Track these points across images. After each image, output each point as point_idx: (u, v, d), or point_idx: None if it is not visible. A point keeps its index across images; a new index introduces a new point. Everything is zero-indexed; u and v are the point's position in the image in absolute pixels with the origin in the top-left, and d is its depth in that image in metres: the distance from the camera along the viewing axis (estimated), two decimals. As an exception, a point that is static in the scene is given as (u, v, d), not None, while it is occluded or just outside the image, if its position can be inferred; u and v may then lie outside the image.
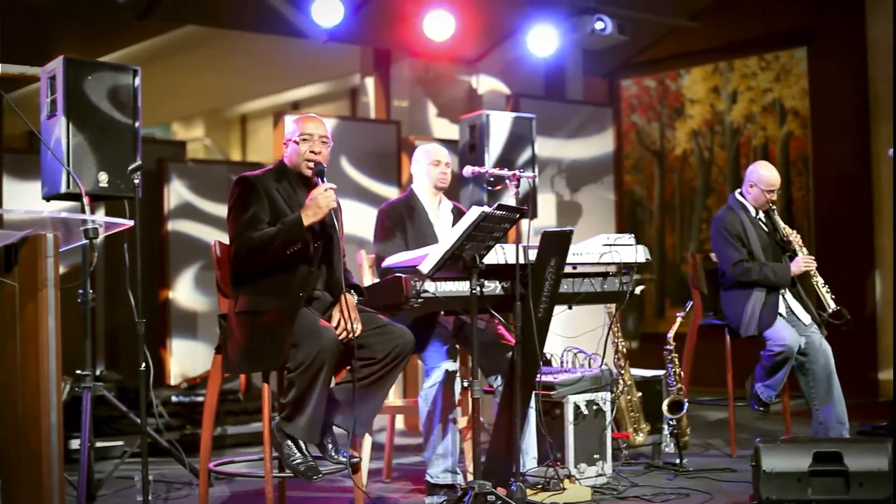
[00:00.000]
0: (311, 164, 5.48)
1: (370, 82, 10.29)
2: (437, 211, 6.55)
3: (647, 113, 13.33)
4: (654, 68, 13.26)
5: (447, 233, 5.60)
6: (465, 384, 5.70)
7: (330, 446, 5.39)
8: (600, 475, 6.48)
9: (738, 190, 7.69)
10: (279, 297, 5.26)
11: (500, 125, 8.54)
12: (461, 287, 5.67)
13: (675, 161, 13.11)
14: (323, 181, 5.40)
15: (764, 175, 7.54)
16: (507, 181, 6.24)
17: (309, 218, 5.26)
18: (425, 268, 5.44)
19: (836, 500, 5.36)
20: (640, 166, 13.36)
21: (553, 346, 6.93)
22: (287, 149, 5.59)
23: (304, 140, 5.52)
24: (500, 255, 5.79)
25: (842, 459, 5.39)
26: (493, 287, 5.81)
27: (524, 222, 9.05)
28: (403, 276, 5.56)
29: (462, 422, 6.23)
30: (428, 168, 6.51)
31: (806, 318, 7.42)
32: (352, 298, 5.43)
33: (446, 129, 10.07)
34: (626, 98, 13.52)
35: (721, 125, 12.81)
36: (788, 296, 7.46)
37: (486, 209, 5.37)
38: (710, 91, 12.94)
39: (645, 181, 13.32)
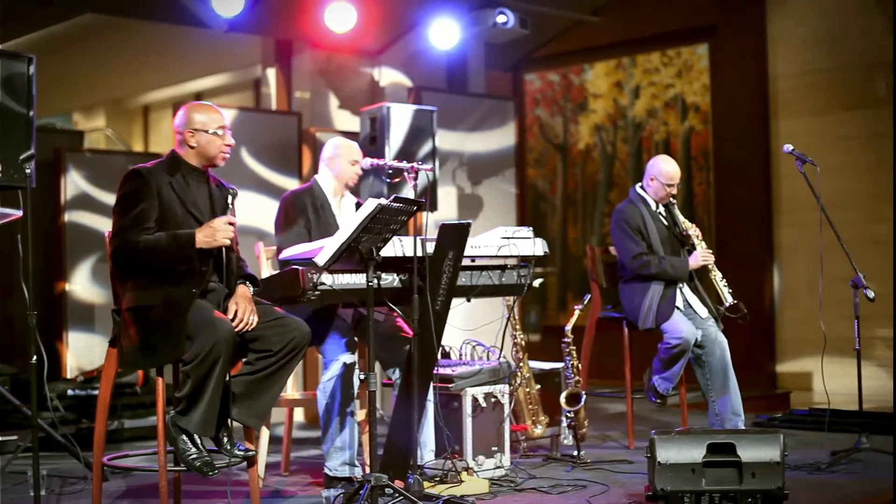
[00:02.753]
0: (226, 156, 5.45)
1: (272, 73, 10.22)
2: (340, 203, 6.52)
3: (551, 107, 13.39)
4: (557, 63, 13.32)
5: (344, 225, 5.58)
6: (362, 377, 5.67)
7: (225, 440, 5.33)
8: (498, 467, 6.49)
9: (639, 183, 7.74)
10: (171, 291, 5.19)
11: (400, 117, 8.53)
12: (358, 279, 5.66)
13: (578, 155, 13.19)
14: (232, 205, 5.35)
15: (664, 169, 7.60)
16: (406, 174, 6.23)
17: (200, 242, 5.19)
18: (321, 260, 5.41)
19: (729, 490, 5.42)
20: (544, 160, 13.42)
21: (452, 338, 6.94)
22: (191, 139, 5.46)
23: (221, 133, 5.45)
24: (398, 247, 5.78)
25: (735, 450, 5.44)
26: (390, 279, 5.81)
27: (424, 215, 9.09)
28: (300, 268, 5.53)
29: (361, 414, 6.22)
30: (345, 165, 6.49)
31: (703, 311, 7.49)
32: (247, 290, 5.38)
33: (348, 121, 10.03)
34: (530, 92, 13.56)
35: (623, 120, 12.90)
36: (686, 289, 7.52)
37: (383, 201, 5.36)
38: (612, 86, 13.03)
39: (548, 175, 13.38)
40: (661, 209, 7.67)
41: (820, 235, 7.21)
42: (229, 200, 5.40)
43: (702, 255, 7.48)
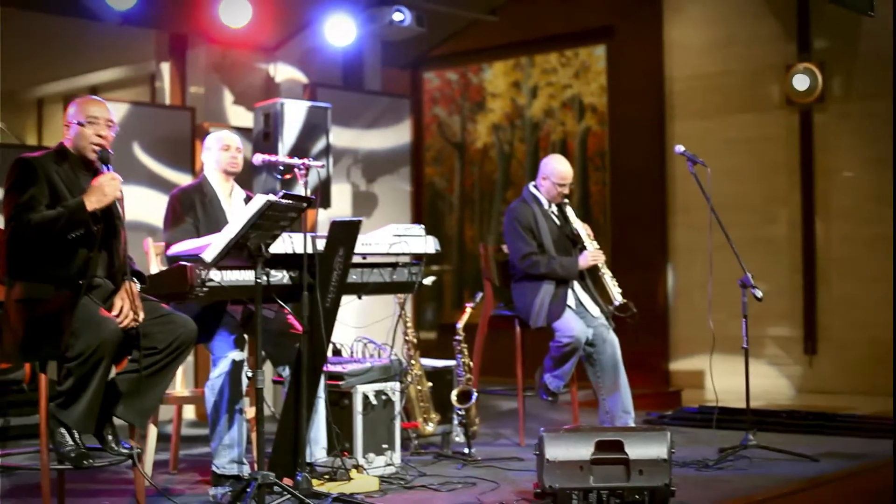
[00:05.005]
0: (97, 149, 5.36)
1: (166, 68, 10.10)
2: (230, 198, 6.46)
3: (449, 105, 13.40)
4: (456, 61, 13.33)
5: (232, 221, 5.53)
6: (250, 375, 5.63)
7: (110, 438, 5.27)
8: (389, 465, 6.48)
9: (533, 182, 7.78)
10: (58, 285, 5.12)
11: (294, 114, 8.48)
12: (247, 276, 5.61)
13: (475, 154, 13.21)
14: (108, 168, 5.27)
15: (556, 168, 7.64)
16: (297, 170, 6.18)
17: (92, 204, 5.12)
18: (209, 256, 5.36)
19: (616, 487, 5.45)
20: (441, 158, 13.42)
21: (344, 336, 6.91)
22: (69, 131, 5.43)
23: (91, 123, 5.38)
24: (288, 244, 5.74)
25: (623, 448, 5.48)
26: (280, 276, 5.77)
27: (319, 212, 9.05)
28: (188, 264, 5.47)
29: (250, 412, 6.16)
30: (218, 154, 6.42)
31: (594, 310, 7.55)
32: (134, 286, 5.31)
33: (242, 116, 9.95)
34: (429, 90, 13.56)
35: (521, 119, 12.95)
36: (577, 288, 7.58)
37: (272, 197, 5.32)
38: (510, 85, 13.07)
39: (446, 173, 13.39)
40: (554, 208, 7.72)
41: (710, 236, 7.28)
42: (103, 158, 5.31)
43: (591, 255, 7.53)
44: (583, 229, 7.66)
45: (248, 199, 6.45)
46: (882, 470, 6.63)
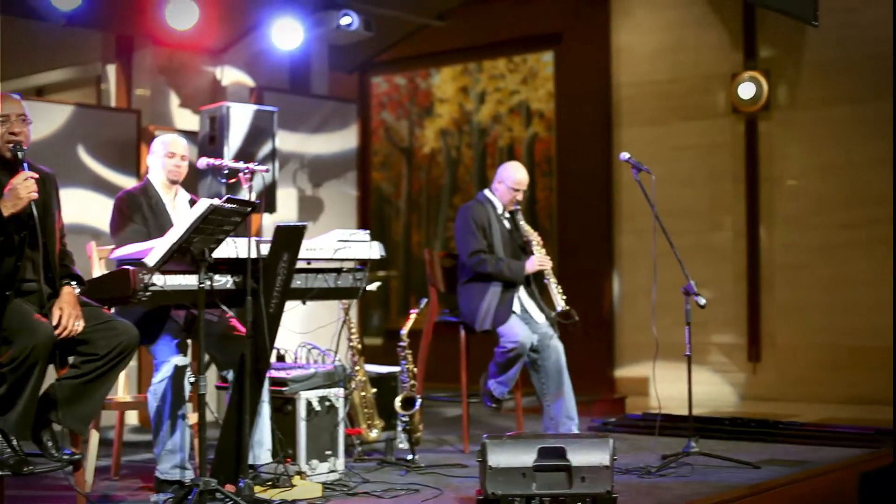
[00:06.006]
0: (10, 146, 5.26)
1: (111, 70, 10.03)
2: (174, 202, 6.42)
3: (397, 110, 13.41)
4: (404, 66, 13.34)
5: (175, 225, 5.50)
6: (192, 380, 5.59)
7: (49, 444, 5.23)
8: (332, 471, 6.45)
9: (487, 187, 7.83)
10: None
11: (240, 117, 8.45)
12: (191, 281, 5.57)
13: (423, 159, 13.22)
14: (24, 166, 5.18)
15: (513, 174, 7.70)
16: (242, 174, 6.15)
17: (8, 209, 5.04)
18: (151, 261, 5.32)
19: (559, 494, 5.46)
20: (389, 163, 13.43)
21: (288, 341, 6.89)
22: None
23: (2, 122, 5.29)
24: (232, 248, 5.71)
25: (565, 455, 5.49)
26: (224, 281, 5.73)
27: (265, 216, 9.02)
28: (131, 268, 5.43)
29: (193, 417, 6.13)
30: (163, 160, 6.38)
31: (539, 316, 7.58)
32: (73, 291, 5.26)
33: (188, 119, 9.88)
34: (377, 95, 13.56)
35: (469, 125, 12.98)
36: (523, 294, 7.61)
37: (215, 202, 5.29)
38: (458, 91, 13.10)
39: (393, 178, 13.40)
40: (507, 214, 7.76)
41: (654, 242, 7.31)
42: (19, 156, 5.22)
43: (538, 260, 7.58)
44: (533, 237, 7.70)
45: (192, 203, 6.42)
46: (823, 477, 6.69)
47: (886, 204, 10.86)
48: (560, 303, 7.50)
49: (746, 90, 11.43)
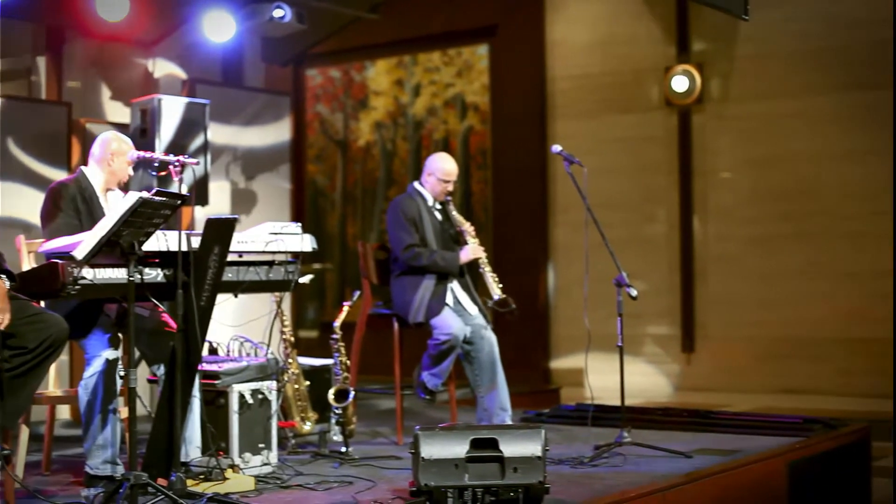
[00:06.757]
0: None
1: (42, 62, 9.92)
2: (106, 195, 6.36)
3: (332, 103, 13.38)
4: (339, 59, 13.31)
5: (104, 219, 5.46)
6: (123, 374, 5.56)
7: (-21, 439, 5.18)
8: (265, 464, 6.43)
9: (418, 180, 7.82)
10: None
11: (172, 110, 8.39)
12: (121, 274, 5.53)
13: (358, 152, 13.21)
14: None
15: (441, 165, 7.70)
16: (172, 167, 6.10)
17: None
18: (80, 254, 5.28)
19: (491, 485, 5.47)
20: (324, 156, 13.40)
21: (221, 334, 6.86)
22: None
23: None
24: (163, 241, 5.68)
25: (497, 446, 5.50)
26: (154, 274, 5.70)
27: (197, 209, 8.97)
28: (60, 261, 5.38)
29: (124, 412, 6.08)
30: (124, 165, 6.31)
31: (473, 308, 7.60)
32: (2, 284, 5.21)
33: (120, 112, 9.81)
34: (312, 88, 13.52)
35: (404, 118, 12.98)
36: (456, 286, 7.62)
37: (145, 195, 5.25)
38: (394, 83, 13.09)
39: (328, 171, 13.37)
40: (438, 206, 7.76)
41: (586, 234, 7.35)
42: None
43: (472, 250, 7.60)
44: (465, 226, 7.71)
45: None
46: (753, 466, 6.75)
47: (816, 196, 11.00)
48: (496, 291, 7.53)
49: (680, 83, 11.51)
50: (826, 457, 7.38)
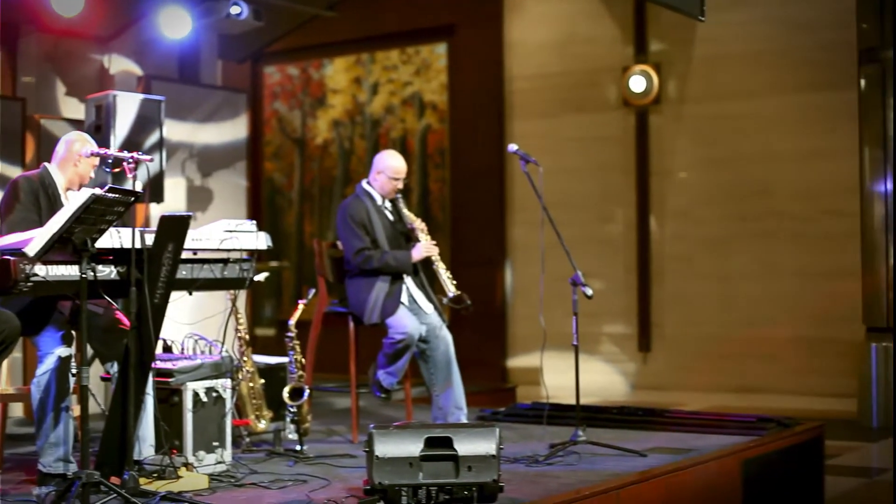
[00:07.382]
0: None
1: (-5, 57, 9.86)
2: (66, 195, 6.32)
3: (290, 101, 13.35)
4: (297, 56, 13.29)
5: (57, 215, 5.42)
6: (75, 371, 5.52)
7: (-72, 437, 5.14)
8: (219, 463, 6.41)
9: (366, 179, 7.80)
10: None
11: (127, 106, 8.35)
12: (73, 271, 5.49)
13: (315, 150, 13.18)
14: None
15: (390, 163, 7.69)
16: (126, 164, 6.07)
17: None
18: (31, 250, 5.24)
19: (445, 483, 5.47)
20: (281, 154, 13.36)
21: (176, 332, 6.82)
22: None
23: None
24: (116, 238, 5.64)
25: (452, 444, 5.50)
26: (107, 271, 5.66)
27: (152, 206, 8.93)
28: (11, 258, 5.34)
29: (77, 410, 6.05)
30: (85, 164, 6.27)
31: (428, 306, 7.60)
32: (-47, 281, 5.17)
33: (75, 108, 9.74)
34: (269, 85, 13.49)
35: (362, 116, 12.96)
36: (411, 284, 7.61)
37: (97, 191, 5.22)
38: (352, 82, 13.08)
39: (285, 169, 13.33)
40: (388, 204, 7.75)
41: (542, 234, 7.36)
42: None
43: (424, 247, 7.59)
44: (416, 223, 7.70)
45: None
46: (707, 464, 6.78)
47: (772, 197, 11.06)
48: (451, 288, 7.52)
49: (637, 84, 11.56)
50: (780, 455, 7.42)
